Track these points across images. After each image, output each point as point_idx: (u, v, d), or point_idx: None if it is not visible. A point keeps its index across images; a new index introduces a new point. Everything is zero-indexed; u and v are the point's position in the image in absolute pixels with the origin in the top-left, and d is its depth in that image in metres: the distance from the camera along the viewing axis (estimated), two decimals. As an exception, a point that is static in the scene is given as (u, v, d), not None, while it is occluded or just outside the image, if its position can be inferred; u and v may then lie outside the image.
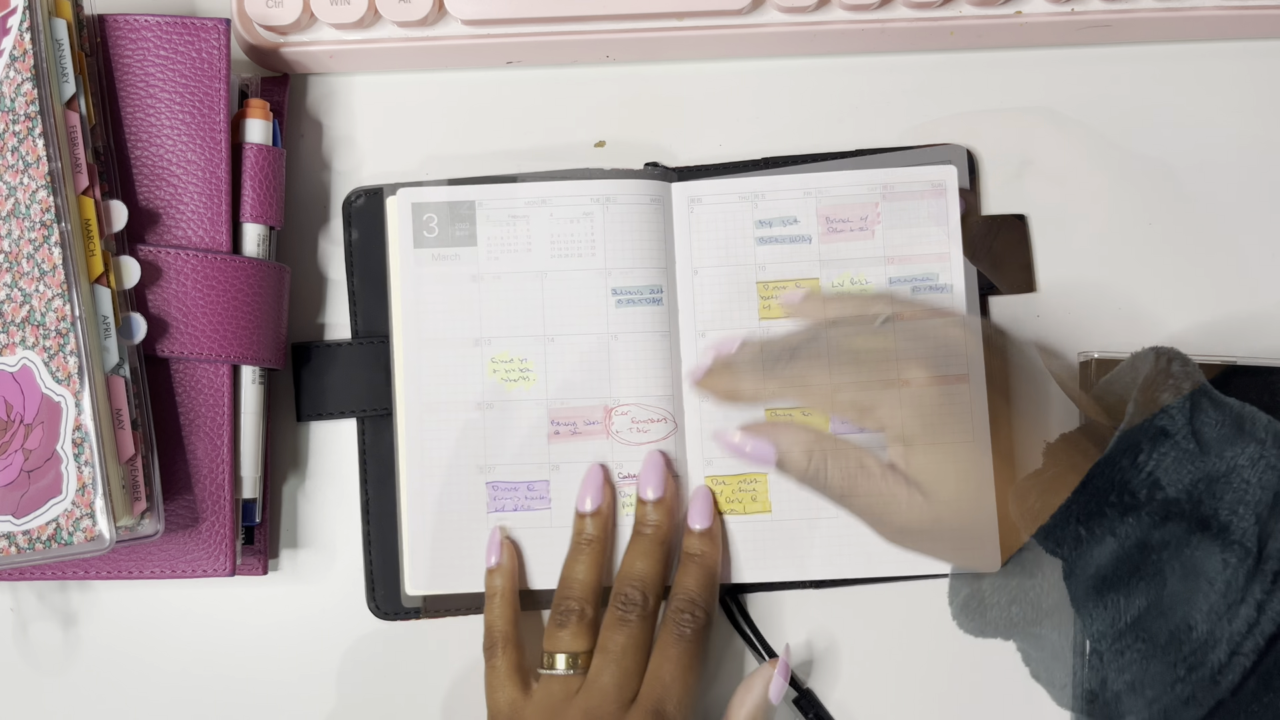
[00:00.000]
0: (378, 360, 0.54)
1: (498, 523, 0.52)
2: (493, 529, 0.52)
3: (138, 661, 0.54)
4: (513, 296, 0.53)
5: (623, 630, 0.49)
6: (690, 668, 0.49)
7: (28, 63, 0.47)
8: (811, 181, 0.53)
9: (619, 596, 0.50)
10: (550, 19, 0.54)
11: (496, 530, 0.52)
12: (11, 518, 0.47)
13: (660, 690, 0.48)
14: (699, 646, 0.49)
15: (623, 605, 0.49)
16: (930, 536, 0.47)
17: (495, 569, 0.52)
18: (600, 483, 0.52)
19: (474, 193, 0.53)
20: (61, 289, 0.46)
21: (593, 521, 0.51)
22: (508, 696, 0.49)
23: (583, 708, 0.48)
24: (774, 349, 0.49)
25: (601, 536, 0.51)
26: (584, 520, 0.51)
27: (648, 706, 0.48)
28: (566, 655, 0.49)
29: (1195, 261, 0.55)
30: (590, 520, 0.51)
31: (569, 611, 0.50)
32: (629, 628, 0.49)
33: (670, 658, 0.49)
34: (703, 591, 0.50)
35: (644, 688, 0.48)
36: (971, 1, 0.54)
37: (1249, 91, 0.56)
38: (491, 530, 0.52)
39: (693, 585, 0.50)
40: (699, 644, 0.49)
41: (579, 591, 0.50)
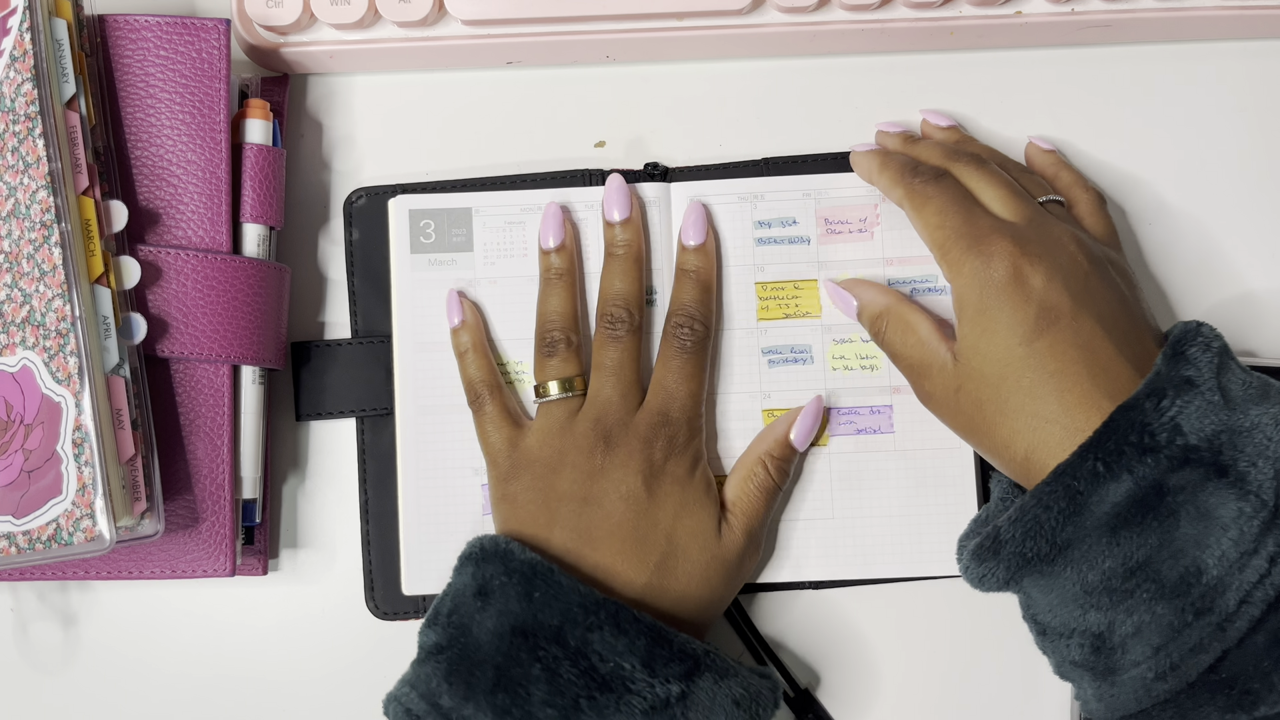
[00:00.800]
0: (377, 360, 0.54)
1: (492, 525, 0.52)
2: (449, 291, 0.53)
3: (138, 661, 0.54)
4: (509, 301, 0.53)
5: (615, 345, 0.50)
6: (693, 376, 0.50)
7: (28, 63, 0.47)
8: (811, 183, 0.53)
9: (605, 317, 0.51)
10: (550, 19, 0.54)
11: (453, 292, 0.53)
12: (11, 518, 0.47)
13: (665, 396, 0.50)
14: (701, 357, 0.51)
15: (610, 324, 0.50)
16: (951, 410, 0.47)
17: (460, 327, 0.52)
18: (560, 219, 0.52)
19: (470, 199, 0.53)
20: (61, 289, 0.46)
21: (558, 256, 0.52)
22: (504, 435, 0.50)
23: (591, 417, 0.49)
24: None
25: (570, 269, 0.52)
26: (549, 256, 0.52)
27: (654, 408, 0.49)
28: (559, 381, 0.50)
29: (1195, 261, 0.55)
30: (556, 255, 0.52)
31: (554, 341, 0.51)
32: (620, 343, 0.50)
33: (673, 368, 0.50)
34: (699, 305, 0.51)
35: (649, 395, 0.50)
36: (971, 1, 0.54)
37: (1249, 91, 0.56)
38: (448, 292, 0.53)
39: (689, 299, 0.51)
40: (701, 355, 0.51)
41: (560, 321, 0.51)
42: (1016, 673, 0.53)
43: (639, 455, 0.48)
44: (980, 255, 0.46)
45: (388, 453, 0.53)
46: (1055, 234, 0.46)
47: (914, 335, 0.49)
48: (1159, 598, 0.42)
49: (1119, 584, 0.43)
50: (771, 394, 0.53)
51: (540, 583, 0.45)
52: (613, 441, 0.49)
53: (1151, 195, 0.56)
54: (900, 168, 0.50)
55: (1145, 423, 0.42)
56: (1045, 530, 0.43)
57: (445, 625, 0.46)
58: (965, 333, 0.46)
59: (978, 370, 0.46)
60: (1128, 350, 0.45)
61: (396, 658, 0.53)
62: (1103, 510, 0.42)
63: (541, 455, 0.49)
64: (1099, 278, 0.46)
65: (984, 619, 0.53)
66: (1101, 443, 0.42)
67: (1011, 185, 0.49)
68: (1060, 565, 0.43)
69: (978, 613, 0.53)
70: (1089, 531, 0.43)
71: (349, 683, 0.54)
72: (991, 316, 0.45)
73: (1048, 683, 0.53)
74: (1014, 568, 0.44)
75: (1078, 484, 0.42)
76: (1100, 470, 0.42)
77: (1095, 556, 0.43)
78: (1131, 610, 0.42)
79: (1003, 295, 0.45)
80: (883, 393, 0.52)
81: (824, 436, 0.52)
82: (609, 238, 0.52)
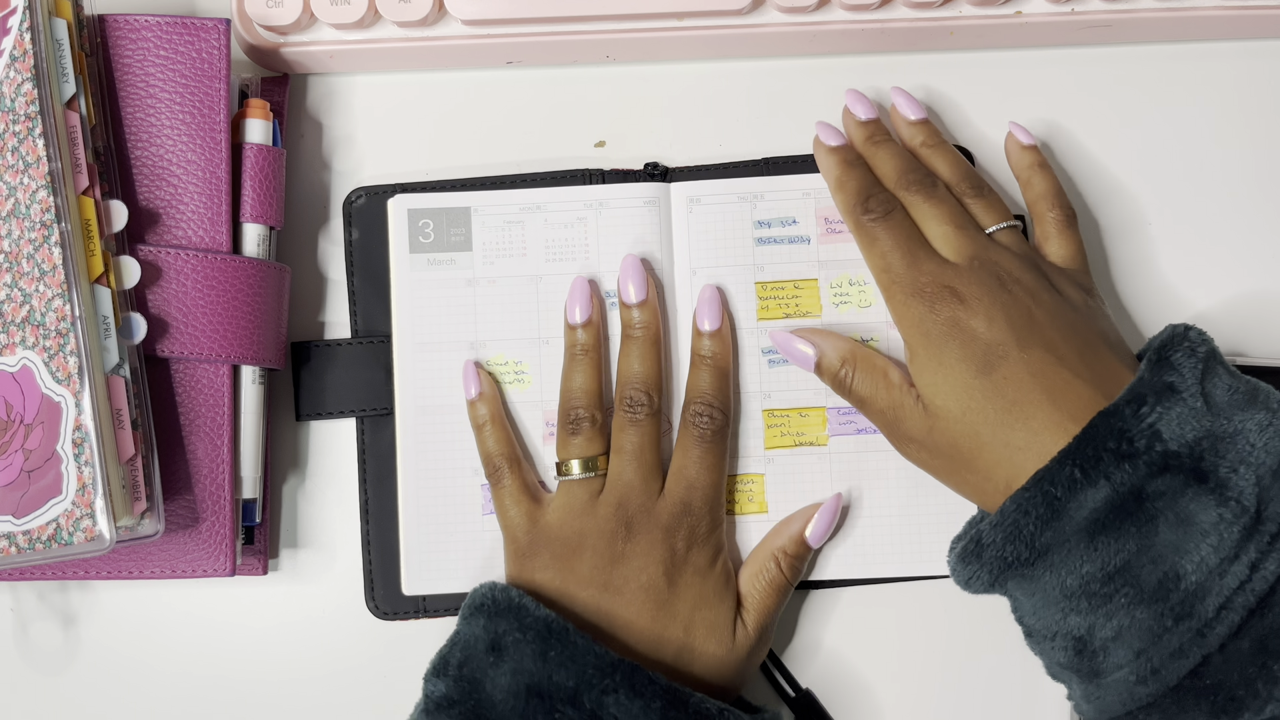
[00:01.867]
0: (377, 359, 0.54)
1: (493, 525, 0.52)
2: (465, 361, 0.52)
3: (138, 662, 0.54)
4: (508, 300, 0.53)
5: (635, 429, 0.50)
6: (714, 466, 0.50)
7: (28, 63, 0.47)
8: (811, 182, 0.53)
9: (624, 401, 0.50)
10: (550, 19, 0.54)
11: (469, 363, 0.52)
12: (11, 518, 0.47)
13: (687, 486, 0.49)
14: (721, 446, 0.50)
15: (629, 407, 0.50)
16: (930, 451, 0.47)
17: (477, 399, 0.52)
18: (588, 294, 0.52)
19: (469, 199, 0.53)
20: (61, 289, 0.46)
21: (585, 332, 0.51)
22: (523, 510, 0.50)
23: (613, 502, 0.49)
24: None
25: (595, 345, 0.51)
26: (575, 331, 0.52)
27: (677, 497, 0.49)
28: (581, 460, 0.50)
29: (1194, 261, 0.55)
30: (582, 331, 0.52)
31: (578, 419, 0.50)
32: (640, 426, 0.50)
33: (694, 457, 0.50)
34: (717, 392, 0.51)
35: (669, 482, 0.50)
36: (971, 1, 0.54)
37: (1249, 91, 0.56)
38: (465, 363, 0.52)
39: (706, 386, 0.51)
40: (720, 443, 0.50)
41: (583, 399, 0.51)
42: (1016, 673, 0.53)
43: (661, 545, 0.48)
44: (923, 301, 0.47)
45: (388, 453, 0.53)
46: (996, 272, 0.47)
47: (884, 379, 0.49)
48: (1138, 602, 0.42)
49: (1098, 588, 0.43)
50: (772, 394, 0.52)
51: (556, 642, 0.45)
52: (635, 529, 0.48)
53: (1150, 195, 0.56)
54: (853, 199, 0.50)
55: (1124, 429, 0.42)
56: (1024, 535, 0.43)
57: (456, 678, 0.46)
58: (920, 372, 0.47)
59: (943, 408, 0.46)
60: (1085, 371, 0.45)
61: (396, 658, 0.53)
62: (1081, 516, 0.42)
63: (561, 535, 0.49)
64: (1043, 308, 0.46)
65: (983, 619, 0.53)
66: (1080, 449, 0.43)
67: (957, 219, 0.49)
68: (1040, 569, 0.44)
69: (977, 613, 0.53)
70: (1067, 537, 0.43)
71: (349, 683, 0.54)
72: (940, 358, 0.46)
73: (1046, 683, 0.53)
74: (996, 571, 0.45)
75: (1055, 490, 0.43)
76: (1078, 476, 0.42)
77: (1074, 561, 0.43)
78: (1111, 614, 0.43)
79: (948, 340, 0.46)
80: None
81: (823, 436, 0.52)
82: (626, 319, 0.52)
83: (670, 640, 0.48)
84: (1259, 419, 0.43)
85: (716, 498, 0.50)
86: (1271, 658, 0.41)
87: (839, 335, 0.51)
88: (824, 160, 0.52)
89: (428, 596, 0.53)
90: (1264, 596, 0.41)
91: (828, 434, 0.52)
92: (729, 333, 0.52)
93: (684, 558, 0.49)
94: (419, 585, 0.52)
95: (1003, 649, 0.53)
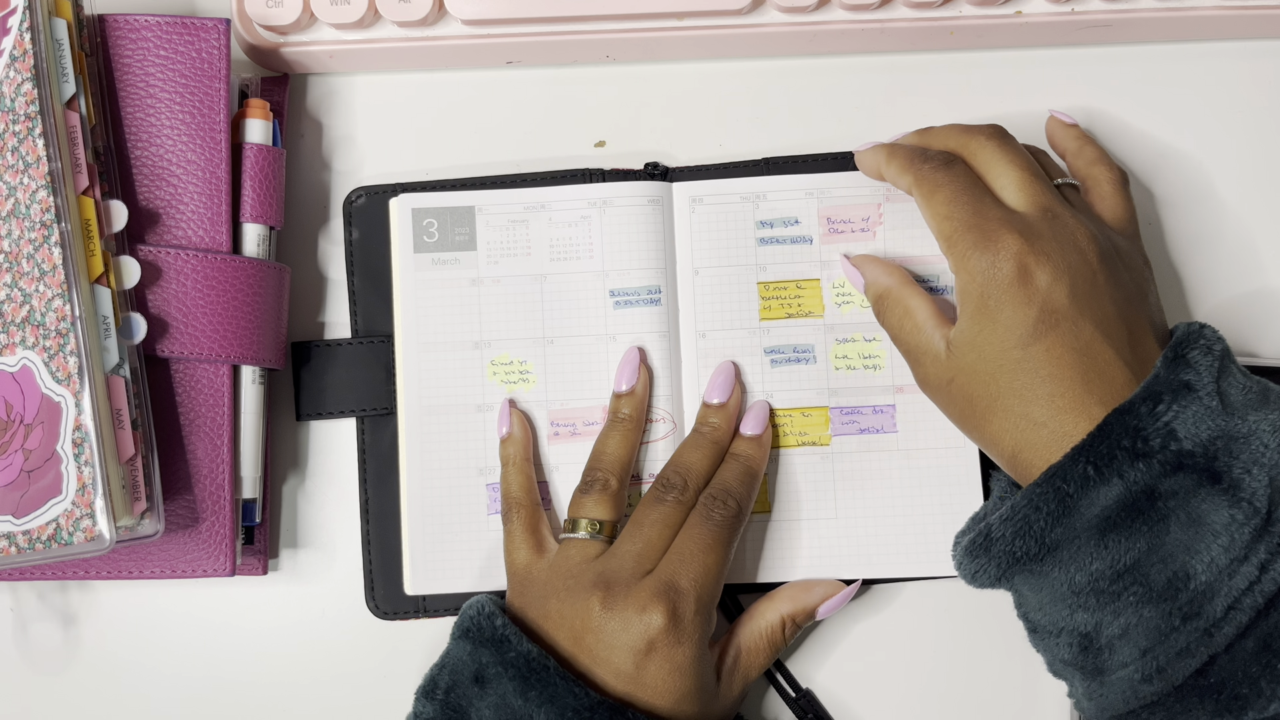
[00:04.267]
0: (377, 359, 0.54)
1: (497, 525, 0.52)
2: (503, 401, 0.52)
3: (137, 661, 0.54)
4: (512, 300, 0.53)
5: (656, 508, 0.49)
6: (712, 549, 0.48)
7: (28, 63, 0.47)
8: (813, 182, 0.53)
9: (661, 479, 0.50)
10: (550, 19, 0.54)
11: (506, 402, 0.52)
12: (11, 518, 0.47)
13: (678, 563, 0.47)
14: (727, 534, 0.49)
15: (662, 486, 0.49)
16: (944, 397, 0.47)
17: (507, 439, 0.52)
18: (636, 364, 0.52)
19: (473, 198, 0.53)
20: (61, 289, 0.46)
21: (627, 401, 0.51)
22: (523, 558, 0.50)
23: (599, 570, 0.48)
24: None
25: (635, 416, 0.51)
26: (619, 400, 0.52)
27: (663, 577, 0.47)
28: (588, 521, 0.49)
29: (1195, 261, 0.55)
30: (625, 400, 0.52)
31: (594, 481, 0.50)
32: (664, 506, 0.49)
33: (694, 536, 0.48)
34: (739, 485, 0.50)
35: (663, 560, 0.48)
36: (971, 1, 0.54)
37: (1249, 91, 0.56)
38: (502, 403, 0.52)
39: (730, 478, 0.50)
40: (727, 531, 0.49)
41: (607, 463, 0.50)
42: (1017, 673, 0.53)
43: (634, 627, 0.46)
44: (987, 251, 0.45)
45: (388, 452, 0.53)
46: (1068, 228, 0.46)
47: (911, 320, 0.48)
48: (1146, 601, 0.42)
49: (1106, 586, 0.43)
50: (775, 394, 0.52)
51: (536, 680, 0.45)
52: (610, 601, 0.46)
53: (1149, 195, 0.56)
54: (909, 154, 0.49)
55: (1139, 427, 0.42)
56: (1034, 530, 0.43)
57: (443, 703, 0.46)
58: (964, 327, 0.46)
59: (970, 365, 0.45)
60: (1127, 353, 0.44)
61: (396, 658, 0.53)
62: (1092, 513, 0.42)
63: (545, 591, 0.48)
64: (1106, 277, 0.45)
65: (985, 619, 0.53)
66: (1094, 446, 0.42)
67: (1029, 168, 0.47)
68: (1049, 565, 0.43)
69: (979, 613, 0.53)
70: (1078, 533, 0.43)
71: (348, 682, 0.54)
72: (991, 315, 0.45)
73: (1047, 683, 0.53)
74: (1004, 566, 0.44)
75: (1068, 486, 0.42)
76: (1090, 474, 0.42)
77: (1083, 558, 0.43)
78: (1119, 612, 0.43)
79: (1005, 294, 0.45)
80: (886, 392, 0.52)
81: (826, 436, 0.52)
82: (701, 415, 0.52)
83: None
84: (1273, 419, 0.43)
85: (710, 584, 0.47)
86: (1276, 656, 0.41)
87: (889, 266, 0.50)
88: (867, 156, 0.51)
89: (428, 596, 0.53)
90: (1271, 597, 0.41)
91: (830, 434, 0.52)
92: (769, 441, 0.52)
93: (658, 646, 0.46)
94: (422, 585, 0.52)
95: (1003, 649, 0.53)
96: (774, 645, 0.50)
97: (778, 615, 0.50)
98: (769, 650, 0.50)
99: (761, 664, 0.50)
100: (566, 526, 0.50)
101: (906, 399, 0.52)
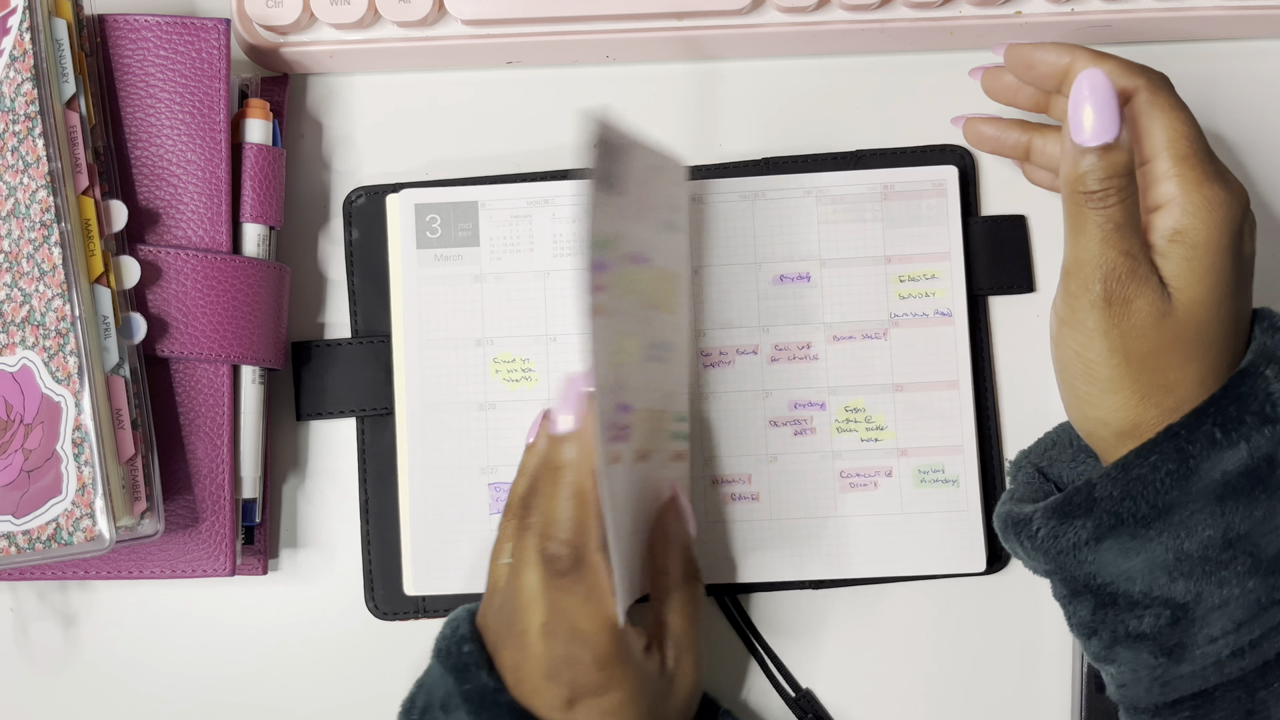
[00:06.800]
0: (378, 359, 0.54)
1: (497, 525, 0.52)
2: (542, 410, 0.49)
3: (138, 662, 0.54)
4: (515, 297, 0.53)
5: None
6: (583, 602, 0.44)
7: (28, 63, 0.47)
8: (811, 181, 0.53)
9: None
10: (550, 19, 0.54)
11: (542, 414, 0.48)
12: (11, 518, 0.47)
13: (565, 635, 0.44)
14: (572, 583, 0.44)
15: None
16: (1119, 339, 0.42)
17: (533, 448, 0.48)
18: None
19: (477, 193, 0.53)
20: (61, 289, 0.46)
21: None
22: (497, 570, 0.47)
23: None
24: None
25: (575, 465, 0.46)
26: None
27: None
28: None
29: (1195, 262, 0.55)
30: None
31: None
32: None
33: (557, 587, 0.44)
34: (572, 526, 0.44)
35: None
36: (971, 1, 0.54)
37: (1249, 91, 0.56)
38: (541, 411, 0.49)
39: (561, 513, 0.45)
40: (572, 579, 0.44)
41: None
42: (1017, 673, 0.53)
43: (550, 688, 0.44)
44: (1225, 191, 0.42)
45: (388, 452, 0.53)
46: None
47: (1140, 229, 0.42)
48: (1253, 572, 0.41)
49: (1216, 554, 0.41)
50: (772, 393, 0.52)
51: (488, 716, 0.43)
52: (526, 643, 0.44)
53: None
54: (1125, 61, 0.44)
55: (1269, 391, 0.41)
56: (1149, 490, 0.41)
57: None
58: (1189, 257, 0.41)
59: (1195, 301, 0.41)
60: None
61: (395, 658, 0.53)
62: (1213, 477, 0.41)
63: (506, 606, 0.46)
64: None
65: (985, 619, 0.53)
66: (1222, 407, 0.41)
67: None
68: (1157, 529, 0.41)
69: (977, 613, 0.53)
70: (1194, 497, 0.41)
71: (349, 682, 0.54)
72: (1221, 254, 0.41)
73: (1048, 683, 0.53)
74: (1103, 528, 0.42)
75: (1191, 447, 0.41)
76: (1218, 436, 0.41)
77: (1196, 524, 0.41)
78: (1224, 582, 0.41)
79: (1230, 241, 0.42)
80: (885, 390, 0.52)
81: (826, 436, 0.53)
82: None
83: None
84: None
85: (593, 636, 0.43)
86: None
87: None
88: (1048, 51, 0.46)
89: (428, 596, 0.53)
90: None
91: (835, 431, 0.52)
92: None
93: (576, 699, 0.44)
94: (423, 585, 0.52)
95: (1004, 649, 0.53)
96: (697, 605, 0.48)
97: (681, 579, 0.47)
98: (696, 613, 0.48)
99: (697, 633, 0.47)
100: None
101: (905, 398, 0.52)
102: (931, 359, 0.52)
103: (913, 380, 0.52)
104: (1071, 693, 0.53)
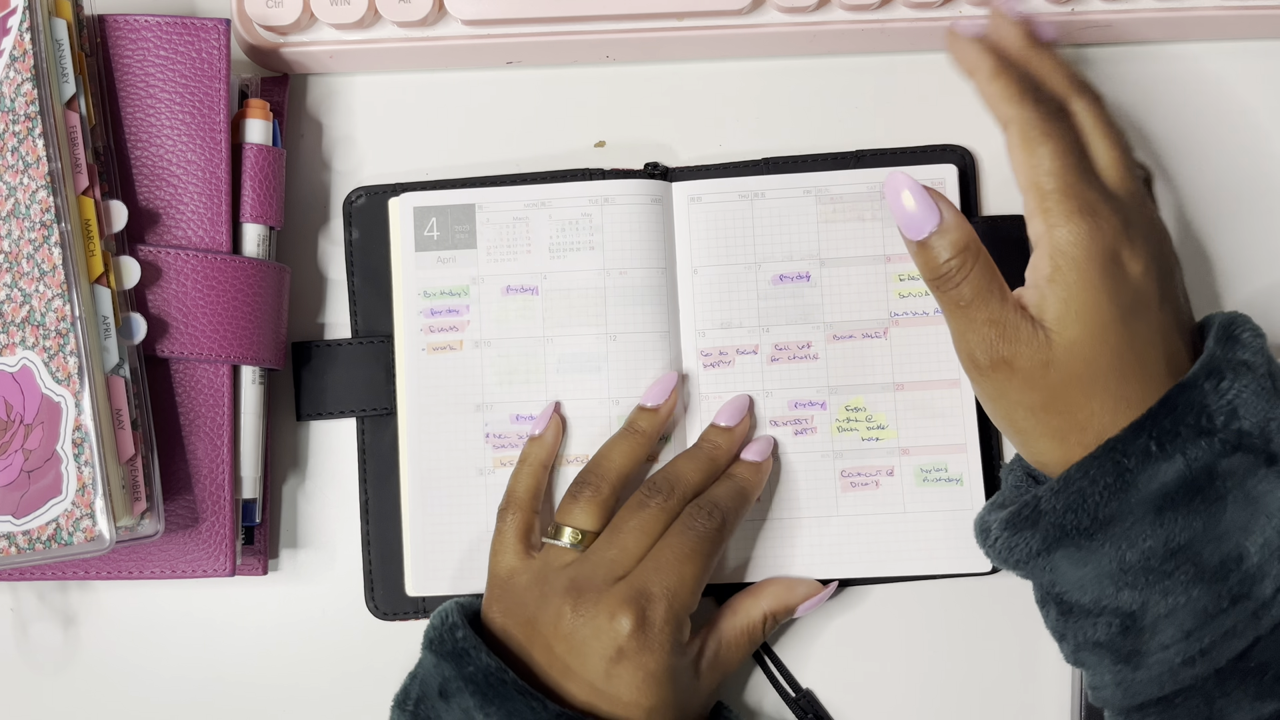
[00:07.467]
0: (378, 360, 0.54)
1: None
2: (553, 401, 0.52)
3: (137, 662, 0.54)
4: (513, 298, 0.53)
5: (637, 514, 0.48)
6: (689, 559, 0.46)
7: (28, 63, 0.47)
8: (811, 180, 0.53)
9: (647, 483, 0.49)
10: (550, 19, 0.54)
11: (554, 404, 0.52)
12: (11, 518, 0.47)
13: (652, 570, 0.46)
14: (708, 546, 0.47)
15: (647, 491, 0.48)
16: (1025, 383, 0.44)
17: (536, 439, 0.51)
18: (670, 387, 0.51)
19: (474, 195, 0.53)
20: (61, 289, 0.46)
21: (648, 417, 0.51)
22: (507, 562, 0.49)
23: (571, 575, 0.47)
24: None
25: (649, 432, 0.51)
26: (640, 413, 0.51)
27: (635, 584, 0.46)
28: (572, 529, 0.48)
29: (1194, 261, 0.55)
30: (644, 415, 0.51)
31: (585, 484, 0.49)
32: (645, 512, 0.48)
33: (672, 545, 0.47)
34: (728, 500, 0.49)
35: (638, 567, 0.47)
36: (971, 1, 0.54)
37: (1249, 91, 0.56)
38: (550, 403, 0.52)
39: (721, 493, 0.49)
40: (708, 543, 0.47)
41: (604, 469, 0.49)
42: (1017, 673, 0.53)
43: (604, 634, 0.45)
44: (1089, 221, 0.42)
45: (388, 452, 0.53)
46: (1154, 219, 0.45)
47: (1000, 291, 0.43)
48: (1197, 581, 0.41)
49: (1158, 564, 0.42)
50: (773, 392, 0.52)
51: (494, 695, 0.44)
52: (580, 607, 0.45)
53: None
54: (1020, 85, 0.44)
55: (1204, 404, 0.41)
56: (1089, 504, 0.42)
57: (413, 714, 0.46)
58: (1059, 298, 0.43)
59: (1076, 341, 0.42)
60: (1188, 344, 0.44)
61: (395, 658, 0.53)
62: (1150, 489, 0.41)
63: (523, 598, 0.47)
64: (1178, 271, 0.45)
65: (986, 619, 0.53)
66: (1157, 420, 0.41)
67: (1128, 149, 0.45)
68: (1099, 540, 0.42)
69: (979, 613, 0.53)
70: (1133, 509, 0.42)
71: (348, 683, 0.54)
72: (1095, 287, 0.42)
73: (1048, 682, 0.53)
74: (1050, 539, 0.43)
75: (1127, 460, 0.41)
76: (1153, 449, 0.41)
77: (1137, 535, 0.42)
78: (1168, 591, 0.42)
79: (1104, 272, 0.42)
80: (885, 389, 0.52)
81: (827, 435, 0.52)
82: (706, 433, 0.51)
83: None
84: None
85: (682, 594, 0.46)
86: None
87: (966, 221, 0.44)
88: (968, 50, 0.46)
89: (428, 597, 0.53)
90: None
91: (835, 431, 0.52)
92: (768, 469, 0.51)
93: (626, 650, 0.45)
94: (424, 585, 0.52)
95: (1004, 649, 0.53)
96: (753, 640, 0.50)
97: (760, 611, 0.50)
98: (748, 645, 0.50)
99: (740, 658, 0.49)
100: (550, 532, 0.49)
101: (906, 398, 0.52)
102: (932, 358, 0.52)
103: (913, 379, 0.52)
104: (1072, 693, 0.52)
